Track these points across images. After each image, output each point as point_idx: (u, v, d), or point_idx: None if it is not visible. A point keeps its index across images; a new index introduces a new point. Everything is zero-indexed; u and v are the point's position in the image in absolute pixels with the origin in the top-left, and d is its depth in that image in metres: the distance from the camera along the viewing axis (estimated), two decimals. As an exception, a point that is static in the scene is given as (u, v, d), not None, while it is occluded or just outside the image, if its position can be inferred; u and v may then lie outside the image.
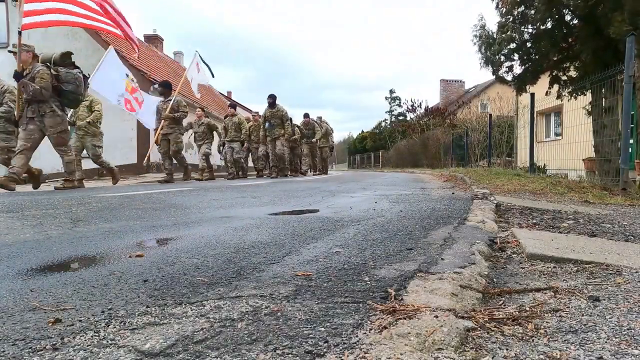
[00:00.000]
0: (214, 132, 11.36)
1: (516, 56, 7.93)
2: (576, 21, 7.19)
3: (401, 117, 42.65)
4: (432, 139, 22.31)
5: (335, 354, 0.86)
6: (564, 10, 7.19)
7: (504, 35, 7.58)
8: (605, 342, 0.97)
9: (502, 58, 7.98)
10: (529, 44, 7.74)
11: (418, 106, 30.66)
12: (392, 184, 7.59)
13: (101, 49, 13.80)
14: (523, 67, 8.05)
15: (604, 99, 6.78)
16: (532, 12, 7.22)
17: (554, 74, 7.96)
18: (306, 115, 15.01)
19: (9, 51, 6.51)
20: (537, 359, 0.89)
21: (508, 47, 7.75)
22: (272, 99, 11.54)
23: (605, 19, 6.08)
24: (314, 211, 3.30)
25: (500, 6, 7.70)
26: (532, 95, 8.61)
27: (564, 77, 7.92)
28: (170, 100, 9.28)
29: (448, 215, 2.95)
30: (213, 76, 11.92)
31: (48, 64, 6.28)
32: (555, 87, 8.07)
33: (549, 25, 7.42)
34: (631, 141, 6.10)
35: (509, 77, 8.42)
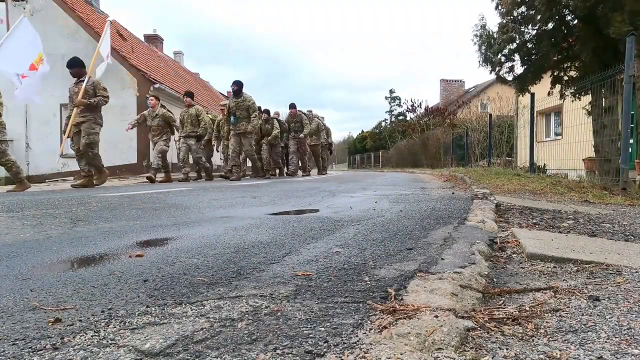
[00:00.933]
0: (173, 126, 9.58)
1: (517, 56, 7.94)
2: (576, 21, 7.20)
3: (401, 117, 42.65)
4: (432, 139, 22.32)
5: (335, 354, 0.86)
6: (564, 11, 7.19)
7: (504, 36, 7.58)
8: (605, 341, 0.97)
9: (503, 58, 7.98)
10: (529, 45, 7.74)
11: (418, 106, 30.67)
12: (392, 183, 7.59)
13: (101, 49, 13.81)
14: (524, 68, 8.05)
15: (604, 99, 6.78)
16: (533, 12, 7.22)
17: (555, 74, 7.96)
18: (292, 106, 12.70)
19: None
20: (537, 359, 0.89)
21: (508, 47, 7.75)
22: (237, 86, 9.67)
23: (605, 19, 6.08)
24: (314, 211, 3.30)
25: (500, 7, 7.70)
26: (532, 95, 8.61)
27: (565, 77, 7.93)
28: (83, 81, 7.21)
29: (448, 215, 2.95)
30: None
31: None
32: (558, 87, 8.07)
33: (549, 25, 7.42)
34: (631, 141, 6.10)
35: (509, 78, 8.43)
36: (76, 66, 7.40)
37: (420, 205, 3.58)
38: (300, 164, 13.39)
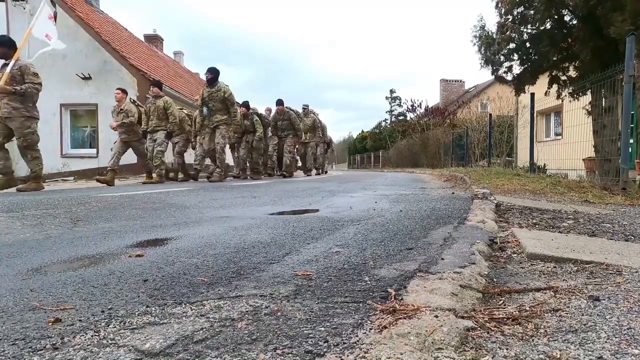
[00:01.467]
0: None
1: (516, 56, 7.94)
2: (575, 21, 7.20)
3: (401, 117, 42.67)
4: (432, 139, 22.30)
5: (335, 354, 0.86)
6: (564, 11, 7.19)
7: (503, 36, 7.58)
8: (605, 341, 0.97)
9: (502, 58, 7.98)
10: (528, 44, 7.74)
11: (418, 106, 30.63)
12: (392, 183, 7.59)
13: (101, 49, 13.83)
14: (522, 68, 8.05)
15: (603, 99, 6.78)
16: (532, 12, 7.22)
17: (553, 74, 7.96)
18: (279, 102, 11.44)
19: None
20: (537, 359, 0.89)
21: (507, 47, 7.75)
22: (212, 73, 8.64)
23: (605, 19, 6.08)
24: (314, 211, 3.30)
25: (499, 6, 7.70)
26: (532, 95, 8.61)
27: (564, 77, 7.93)
28: (9, 64, 5.97)
29: (448, 215, 2.95)
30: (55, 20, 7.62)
31: None
32: (555, 87, 8.08)
33: (548, 25, 7.42)
34: (631, 141, 6.10)
35: (508, 77, 8.43)
36: (3, 45, 6.02)
37: (420, 205, 3.58)
38: (298, 164, 12.91)
